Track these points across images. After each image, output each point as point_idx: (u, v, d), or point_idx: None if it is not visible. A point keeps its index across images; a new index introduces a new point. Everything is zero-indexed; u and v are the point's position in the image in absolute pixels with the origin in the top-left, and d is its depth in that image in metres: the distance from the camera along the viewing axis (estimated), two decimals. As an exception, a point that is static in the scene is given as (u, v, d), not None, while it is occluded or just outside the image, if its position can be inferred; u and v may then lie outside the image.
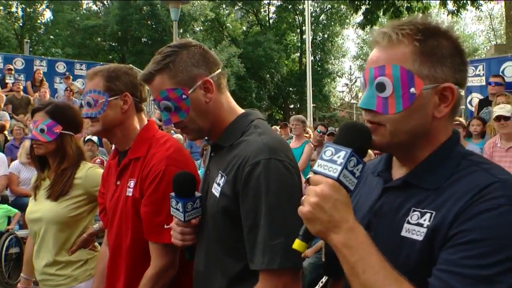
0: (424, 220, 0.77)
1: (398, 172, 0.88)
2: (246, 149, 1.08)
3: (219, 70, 1.21)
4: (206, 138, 1.26)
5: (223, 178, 1.11)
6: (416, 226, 0.78)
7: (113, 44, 23.08)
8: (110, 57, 22.48)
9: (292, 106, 25.81)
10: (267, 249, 0.99)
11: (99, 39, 22.38)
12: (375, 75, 0.82)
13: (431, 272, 0.73)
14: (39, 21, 23.39)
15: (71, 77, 9.05)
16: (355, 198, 0.96)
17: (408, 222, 0.79)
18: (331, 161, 0.76)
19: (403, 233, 0.79)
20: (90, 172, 1.86)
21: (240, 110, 1.24)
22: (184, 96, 1.14)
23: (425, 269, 0.74)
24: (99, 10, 23.69)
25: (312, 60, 18.88)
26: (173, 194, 1.18)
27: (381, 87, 0.81)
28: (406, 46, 0.80)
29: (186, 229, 1.19)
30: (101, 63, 10.04)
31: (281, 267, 0.98)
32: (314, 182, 0.77)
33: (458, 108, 0.84)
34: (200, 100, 1.15)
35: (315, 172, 0.78)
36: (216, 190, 1.12)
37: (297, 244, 0.77)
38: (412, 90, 0.79)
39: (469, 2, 9.59)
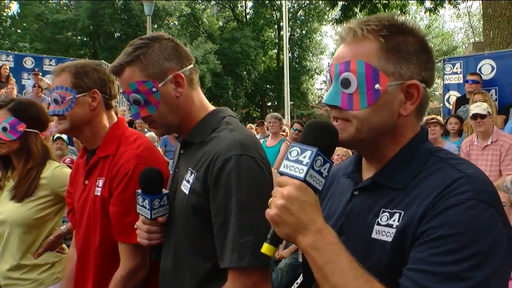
0: (393, 221, 0.76)
1: (368, 172, 0.87)
2: (217, 145, 1.06)
3: (191, 66, 1.19)
4: (176, 135, 1.23)
5: (192, 175, 1.09)
6: (385, 227, 0.76)
7: (85, 39, 22.37)
8: (82, 52, 21.77)
9: (269, 103, 25.80)
10: (237, 246, 0.98)
11: (69, 33, 21.63)
12: (340, 71, 0.80)
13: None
14: (5, 14, 22.37)
15: (40, 73, 8.71)
16: (328, 201, 0.95)
17: (378, 224, 0.78)
18: (297, 162, 0.74)
19: (374, 235, 0.78)
20: (56, 171, 1.80)
21: (211, 107, 1.22)
22: (154, 89, 1.11)
23: (397, 270, 0.72)
24: (69, 4, 22.88)
25: (289, 57, 18.95)
26: (139, 190, 1.15)
27: (346, 83, 0.79)
28: (371, 42, 0.79)
29: (152, 227, 1.16)
30: (72, 58, 9.67)
31: (250, 265, 0.97)
32: (280, 184, 0.75)
33: (425, 106, 0.83)
34: (171, 94, 1.13)
35: (281, 173, 0.76)
36: (185, 187, 1.10)
37: (265, 248, 0.76)
38: (377, 86, 0.77)
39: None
